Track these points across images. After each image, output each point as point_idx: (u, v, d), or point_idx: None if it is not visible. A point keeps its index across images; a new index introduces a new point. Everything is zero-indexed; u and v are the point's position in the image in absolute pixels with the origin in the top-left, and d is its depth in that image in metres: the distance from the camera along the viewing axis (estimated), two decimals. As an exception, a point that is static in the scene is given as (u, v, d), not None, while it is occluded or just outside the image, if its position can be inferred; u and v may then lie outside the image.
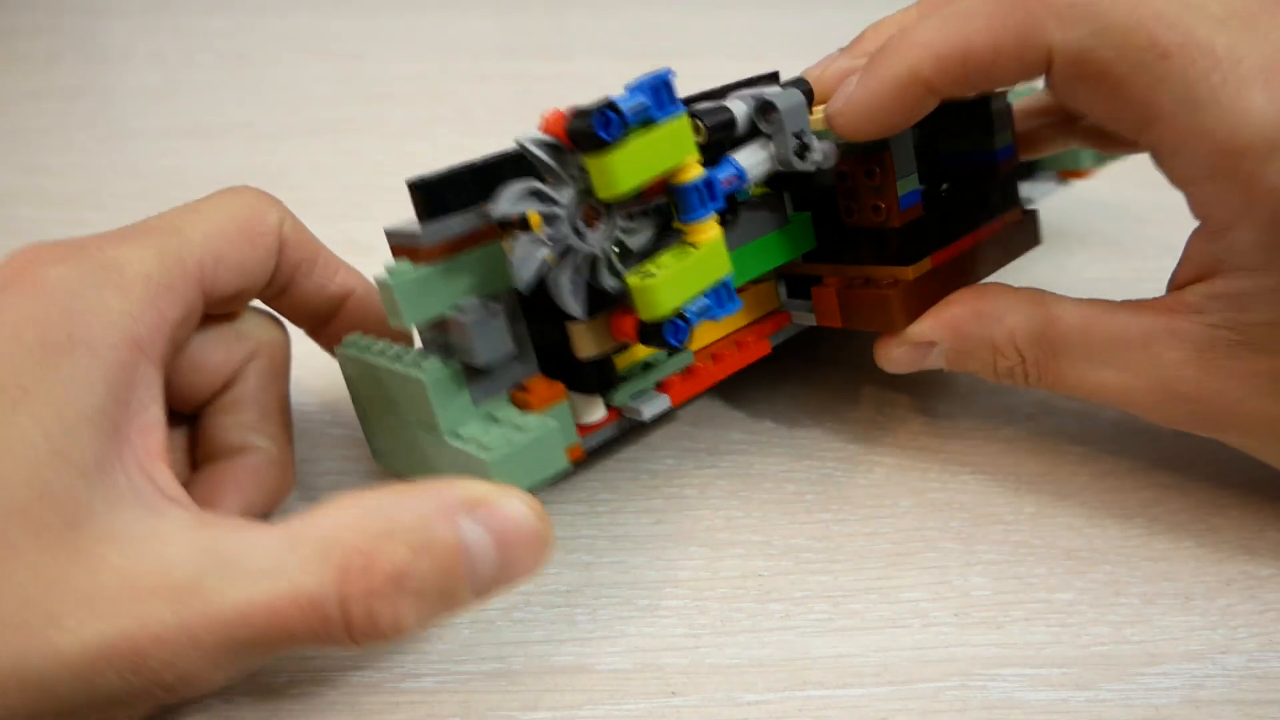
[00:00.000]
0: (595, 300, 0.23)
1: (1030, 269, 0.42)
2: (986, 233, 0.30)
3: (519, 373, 0.25)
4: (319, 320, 0.28)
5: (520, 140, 0.21)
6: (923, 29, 0.23)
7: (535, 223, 0.22)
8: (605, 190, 0.21)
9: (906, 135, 0.27)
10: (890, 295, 0.27)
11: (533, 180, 0.21)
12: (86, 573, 0.18)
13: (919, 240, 0.27)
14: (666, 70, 0.21)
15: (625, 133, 0.20)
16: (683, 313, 0.23)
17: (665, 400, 0.26)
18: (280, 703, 0.23)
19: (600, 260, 0.23)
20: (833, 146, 0.26)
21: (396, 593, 0.19)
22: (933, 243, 0.28)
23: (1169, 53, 0.21)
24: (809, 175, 0.26)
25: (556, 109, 0.21)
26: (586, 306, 0.23)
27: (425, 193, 0.22)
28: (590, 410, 0.26)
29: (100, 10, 0.82)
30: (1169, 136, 0.22)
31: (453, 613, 0.21)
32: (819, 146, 0.25)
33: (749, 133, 0.25)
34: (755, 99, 0.25)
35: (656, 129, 0.21)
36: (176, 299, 0.22)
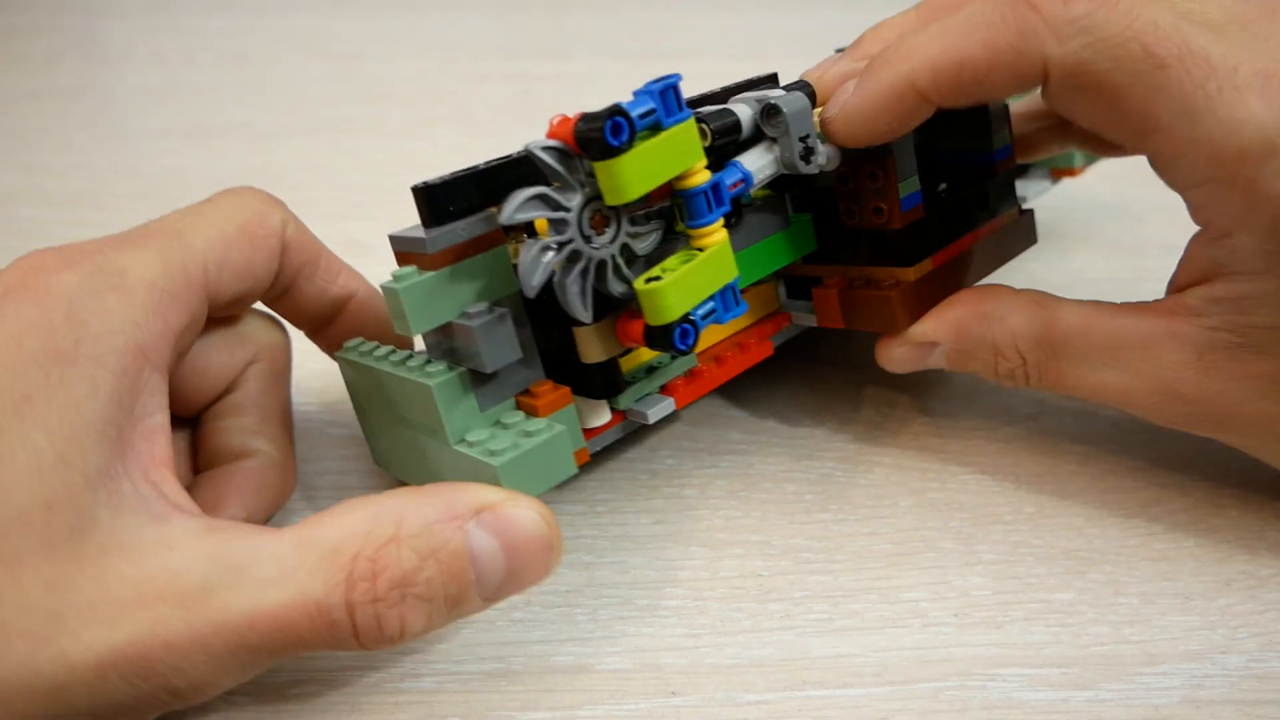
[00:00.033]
0: (600, 304, 0.23)
1: (1030, 270, 0.42)
2: (985, 232, 0.30)
3: (525, 378, 0.24)
4: (320, 322, 0.28)
5: (529, 146, 0.21)
6: (921, 38, 0.23)
7: (542, 228, 0.22)
8: (614, 196, 0.21)
9: (908, 137, 0.27)
10: (892, 296, 0.27)
11: (540, 186, 0.21)
12: (93, 580, 0.18)
13: (920, 241, 0.27)
14: (676, 75, 0.21)
15: (634, 138, 0.20)
16: (690, 317, 0.23)
17: (670, 403, 0.26)
18: (280, 703, 0.23)
19: (608, 265, 0.23)
20: (836, 149, 0.26)
21: (402, 598, 0.19)
22: (933, 243, 0.28)
23: (1165, 63, 0.21)
24: (810, 177, 0.26)
25: (564, 115, 0.21)
26: (593, 311, 0.23)
27: (430, 198, 0.22)
28: (596, 414, 0.26)
29: (100, 10, 0.82)
30: (1168, 145, 0.22)
31: (462, 617, 0.21)
32: (823, 149, 0.25)
33: (752, 136, 0.25)
34: (760, 102, 0.25)
35: (664, 134, 0.21)
36: (181, 305, 0.22)
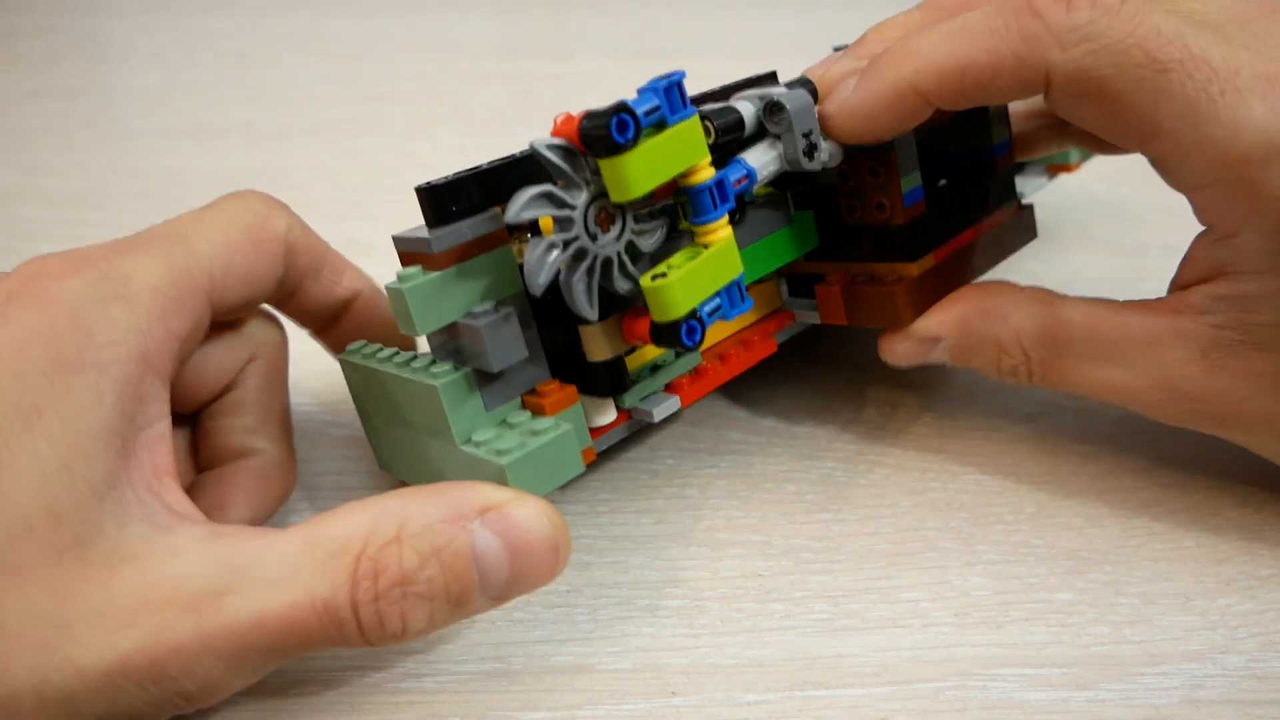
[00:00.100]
0: (606, 302, 0.23)
1: (1029, 269, 0.42)
2: (986, 227, 0.30)
3: (531, 377, 0.24)
4: (325, 322, 0.28)
5: (534, 144, 0.21)
6: (924, 40, 0.23)
7: (547, 226, 0.22)
8: (620, 193, 0.21)
9: (909, 134, 0.27)
10: (896, 291, 0.27)
11: (546, 184, 0.21)
12: (100, 588, 0.18)
13: (922, 236, 0.28)
14: (680, 72, 0.21)
15: (639, 135, 0.20)
16: (696, 313, 0.22)
17: (675, 401, 0.26)
18: (280, 703, 0.23)
19: (614, 263, 0.22)
20: (838, 146, 0.26)
21: (403, 596, 0.19)
22: (935, 238, 0.28)
23: (1168, 68, 0.21)
24: (812, 175, 0.26)
25: (568, 113, 0.21)
26: (599, 309, 0.23)
27: (434, 198, 0.22)
28: (602, 413, 0.26)
29: (100, 10, 0.82)
30: (1171, 149, 0.22)
31: (467, 616, 0.21)
32: (826, 146, 0.25)
33: (755, 133, 0.25)
34: (763, 99, 0.25)
35: (669, 131, 0.21)
36: (185, 312, 0.22)
